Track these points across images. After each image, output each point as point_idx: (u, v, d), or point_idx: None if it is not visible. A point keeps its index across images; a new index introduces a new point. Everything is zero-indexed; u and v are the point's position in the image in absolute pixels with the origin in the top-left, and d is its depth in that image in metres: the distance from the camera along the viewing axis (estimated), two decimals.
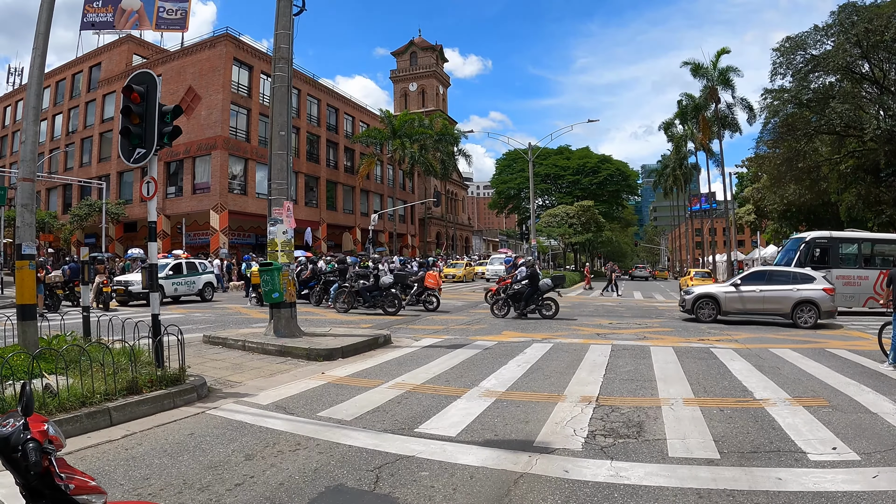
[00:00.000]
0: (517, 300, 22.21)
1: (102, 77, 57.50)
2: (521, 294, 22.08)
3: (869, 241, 27.92)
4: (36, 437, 2.61)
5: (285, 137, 14.98)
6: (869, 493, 5.31)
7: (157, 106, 9.40)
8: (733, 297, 21.36)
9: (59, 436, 2.91)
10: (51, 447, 2.77)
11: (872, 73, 41.58)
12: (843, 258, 26.35)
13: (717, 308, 21.34)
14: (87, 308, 12.88)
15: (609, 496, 5.25)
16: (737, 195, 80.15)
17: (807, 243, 26.94)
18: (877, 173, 44.79)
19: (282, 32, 15.10)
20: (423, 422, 7.68)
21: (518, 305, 22.14)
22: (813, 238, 27.37)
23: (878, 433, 7.22)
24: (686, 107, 65.58)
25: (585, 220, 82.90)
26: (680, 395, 9.21)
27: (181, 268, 28.99)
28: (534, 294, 22.14)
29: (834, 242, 26.78)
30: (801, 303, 20.29)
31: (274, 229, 14.66)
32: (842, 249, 26.76)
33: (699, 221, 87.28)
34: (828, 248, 26.34)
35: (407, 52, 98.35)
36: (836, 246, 26.63)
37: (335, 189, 65.79)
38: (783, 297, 20.69)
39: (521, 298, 22.04)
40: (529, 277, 22.39)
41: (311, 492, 5.34)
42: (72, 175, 55.89)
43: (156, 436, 7.03)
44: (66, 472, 2.79)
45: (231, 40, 51.33)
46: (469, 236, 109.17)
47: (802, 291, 20.47)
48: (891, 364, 11.74)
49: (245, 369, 11.35)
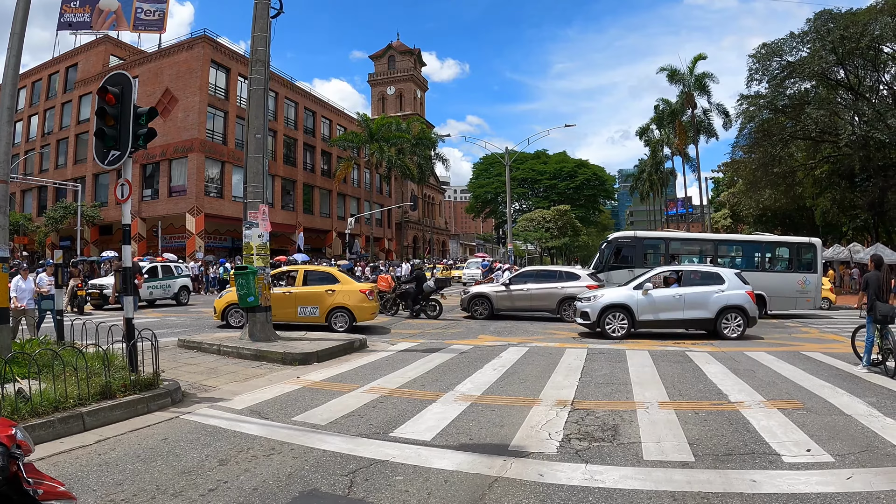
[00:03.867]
0: (405, 299, 23.01)
1: (79, 78, 56.95)
2: (408, 294, 22.86)
3: (676, 241, 27.82)
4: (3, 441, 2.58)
5: (261, 140, 14.91)
6: (843, 495, 5.36)
7: (132, 108, 9.32)
8: (504, 295, 22.36)
9: (27, 440, 2.87)
10: (19, 452, 2.73)
11: (848, 79, 42.06)
12: (647, 257, 25.89)
13: (490, 306, 22.22)
14: (61, 312, 12.78)
15: (584, 500, 5.27)
16: (713, 200, 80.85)
17: (609, 243, 26.90)
18: (851, 178, 45.35)
19: (259, 35, 15.02)
20: (398, 426, 7.66)
21: (407, 304, 22.91)
22: (615, 238, 27.27)
23: (852, 435, 7.29)
24: (663, 112, 66.07)
25: (562, 224, 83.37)
26: (655, 398, 9.25)
27: (157, 271, 28.78)
28: (418, 295, 22.80)
29: (638, 242, 26.26)
30: (565, 299, 21.27)
31: (249, 233, 14.56)
32: (646, 249, 26.22)
33: (675, 226, 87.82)
34: (632, 248, 25.91)
35: (385, 56, 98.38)
36: (641, 246, 26.14)
37: (312, 193, 65.58)
38: (549, 295, 21.87)
39: (408, 297, 22.78)
40: (416, 279, 23.25)
41: (285, 497, 5.32)
42: (47, 177, 55.26)
43: (129, 441, 6.97)
44: (35, 477, 2.76)
45: (209, 42, 51.09)
46: (446, 240, 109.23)
47: (567, 289, 21.42)
48: (864, 366, 11.87)
49: (220, 374, 11.28)
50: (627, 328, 17.14)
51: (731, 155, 58.04)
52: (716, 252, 26.25)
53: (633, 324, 17.15)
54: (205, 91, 49.95)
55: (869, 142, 37.84)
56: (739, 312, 17.08)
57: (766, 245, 26.62)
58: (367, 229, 71.10)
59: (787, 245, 26.63)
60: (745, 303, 17.18)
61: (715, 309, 17.06)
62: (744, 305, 17.15)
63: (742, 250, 26.77)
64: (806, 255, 25.54)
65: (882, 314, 11.65)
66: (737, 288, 17.39)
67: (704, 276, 18.08)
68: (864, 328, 12.20)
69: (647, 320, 17.21)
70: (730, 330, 17.05)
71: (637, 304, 17.17)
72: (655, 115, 68.73)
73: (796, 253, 25.76)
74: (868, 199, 43.42)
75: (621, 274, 24.08)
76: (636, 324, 17.17)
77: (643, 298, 17.17)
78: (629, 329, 17.12)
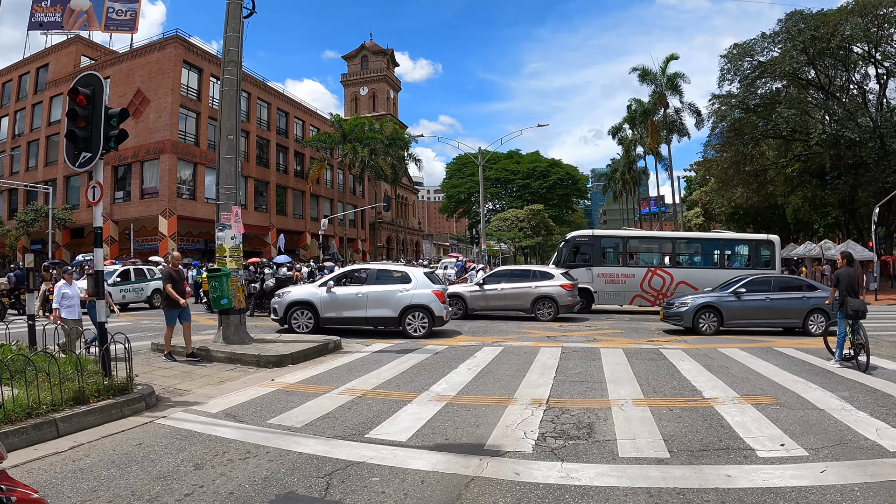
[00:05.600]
0: None
1: (50, 79, 56.17)
2: None
3: (634, 239, 28.31)
4: None
5: (234, 141, 14.80)
6: (817, 488, 5.44)
7: (103, 109, 9.20)
8: (478, 295, 22.45)
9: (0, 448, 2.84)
10: None
11: (818, 79, 42.60)
12: (605, 256, 26.43)
13: (464, 306, 22.27)
14: (33, 317, 12.59)
15: (560, 497, 5.30)
16: (685, 198, 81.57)
17: (567, 242, 27.43)
18: (822, 176, 45.93)
19: (231, 35, 14.90)
20: (374, 427, 7.65)
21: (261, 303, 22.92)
22: (573, 237, 27.86)
23: (825, 429, 7.40)
24: (635, 112, 66.44)
25: (535, 223, 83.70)
26: (630, 395, 9.32)
27: (129, 274, 28.50)
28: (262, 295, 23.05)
29: (596, 240, 26.86)
30: (539, 298, 21.58)
31: (222, 234, 14.46)
32: (604, 247, 26.73)
33: (648, 224, 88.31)
34: (590, 247, 26.45)
35: (358, 57, 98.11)
36: (599, 244, 26.68)
37: (285, 194, 65.19)
38: (523, 294, 22.02)
39: None
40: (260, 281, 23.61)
41: (261, 500, 5.30)
42: (18, 179, 54.44)
43: (104, 446, 6.90)
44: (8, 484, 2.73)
45: (181, 42, 50.62)
46: (420, 240, 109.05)
47: (541, 288, 21.70)
48: (837, 361, 12.08)
49: (194, 377, 11.20)
50: (314, 325, 17.41)
51: (703, 154, 58.75)
52: (674, 250, 26.57)
53: (318, 321, 17.44)
54: (177, 92, 49.50)
55: (840, 140, 38.32)
56: (424, 311, 17.37)
57: (725, 242, 27.03)
58: (340, 230, 70.80)
59: (746, 242, 27.09)
60: (430, 302, 17.33)
61: (398, 307, 17.31)
62: (429, 305, 17.29)
63: (701, 248, 27.17)
64: (764, 252, 25.97)
65: (853, 310, 11.82)
66: (423, 287, 17.53)
67: (393, 275, 18.42)
68: (836, 324, 12.39)
69: (331, 317, 17.53)
70: (413, 328, 17.30)
71: (321, 302, 17.47)
72: (628, 115, 69.09)
73: (755, 250, 26.19)
74: (839, 197, 44.04)
75: (579, 272, 24.41)
76: (321, 321, 17.46)
77: (326, 296, 17.51)
78: (316, 326, 17.39)
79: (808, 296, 18.03)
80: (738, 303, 18.04)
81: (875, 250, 35.65)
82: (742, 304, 18.00)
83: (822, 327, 17.24)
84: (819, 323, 17.61)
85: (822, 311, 17.52)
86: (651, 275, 25.28)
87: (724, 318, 17.96)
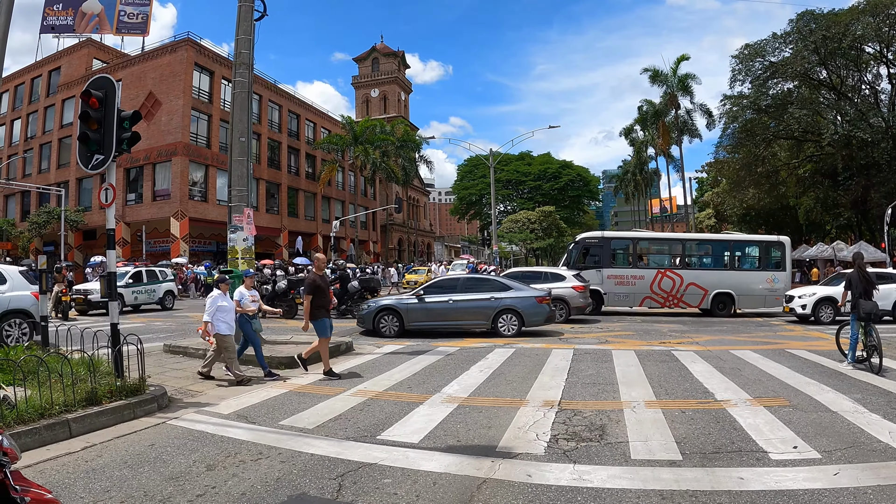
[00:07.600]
0: None
1: (62, 81, 56.41)
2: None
3: (644, 241, 28.25)
4: None
5: (246, 143, 14.84)
6: (830, 491, 5.39)
7: (115, 111, 9.24)
8: None
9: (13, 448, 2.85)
10: (5, 459, 2.72)
11: (830, 79, 42.41)
12: (615, 257, 26.34)
13: None
14: (46, 318, 12.67)
15: (572, 499, 5.28)
16: (697, 200, 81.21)
17: (577, 243, 27.26)
18: (834, 177, 45.69)
19: (243, 37, 14.95)
20: (386, 429, 7.66)
21: None
22: (583, 238, 27.66)
23: (838, 431, 7.34)
24: (646, 113, 66.22)
25: (547, 225, 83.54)
26: (642, 397, 9.28)
27: (141, 276, 28.61)
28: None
29: (606, 242, 26.75)
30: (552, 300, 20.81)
31: (234, 236, 14.51)
32: (614, 249, 26.65)
33: (660, 226, 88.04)
34: (600, 248, 26.33)
35: (369, 59, 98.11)
36: (608, 245, 26.58)
37: (296, 196, 65.25)
38: None
39: None
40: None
41: (273, 501, 5.31)
42: (30, 181, 54.83)
43: (116, 447, 6.93)
44: (22, 484, 2.74)
45: (192, 45, 50.73)
46: (431, 242, 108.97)
47: (553, 290, 21.03)
48: (849, 363, 11.99)
49: (205, 379, 11.23)
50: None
51: (714, 155, 58.52)
52: (684, 251, 26.47)
53: None
54: (188, 94, 49.63)
55: (851, 141, 38.15)
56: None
57: (735, 244, 26.89)
58: (351, 232, 70.77)
59: (756, 243, 26.94)
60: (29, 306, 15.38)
61: None
62: (28, 309, 15.37)
63: (711, 249, 26.99)
64: (775, 253, 25.82)
65: (865, 312, 11.74)
66: (21, 289, 15.58)
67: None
68: (849, 325, 12.32)
69: None
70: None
71: None
72: (639, 116, 68.87)
73: (765, 251, 26.06)
74: (851, 198, 43.76)
75: (589, 274, 24.33)
76: None
77: None
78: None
79: (497, 296, 18.02)
80: (418, 305, 18.09)
81: (888, 251, 35.46)
82: (423, 307, 18.03)
83: (515, 328, 17.61)
84: (511, 324, 17.75)
85: (514, 311, 17.78)
86: (661, 276, 25.18)
87: (406, 320, 17.97)
